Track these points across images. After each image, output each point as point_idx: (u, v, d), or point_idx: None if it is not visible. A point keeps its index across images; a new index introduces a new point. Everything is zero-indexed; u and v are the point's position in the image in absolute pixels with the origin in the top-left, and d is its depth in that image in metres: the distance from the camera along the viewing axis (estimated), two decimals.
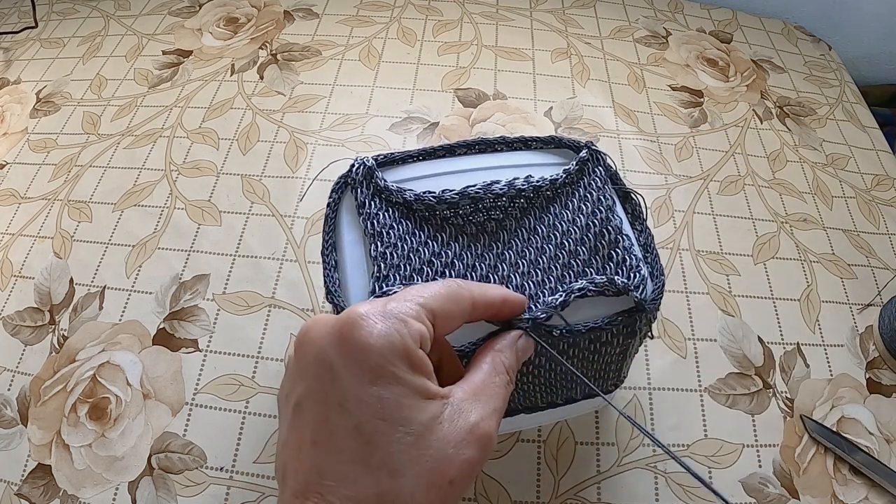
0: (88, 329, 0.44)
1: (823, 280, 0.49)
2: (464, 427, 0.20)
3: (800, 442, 0.41)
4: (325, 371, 0.20)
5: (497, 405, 0.22)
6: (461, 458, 0.20)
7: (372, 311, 0.21)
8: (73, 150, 0.56)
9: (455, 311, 0.23)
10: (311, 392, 0.20)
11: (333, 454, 0.19)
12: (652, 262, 0.30)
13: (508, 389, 0.23)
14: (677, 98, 0.62)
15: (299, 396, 0.21)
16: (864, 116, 0.64)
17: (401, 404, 0.20)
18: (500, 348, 0.24)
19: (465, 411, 0.21)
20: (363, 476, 0.19)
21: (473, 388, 0.22)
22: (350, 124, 0.57)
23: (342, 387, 0.20)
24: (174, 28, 0.68)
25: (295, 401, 0.21)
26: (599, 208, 0.30)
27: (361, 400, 0.19)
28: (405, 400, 0.20)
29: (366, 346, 0.20)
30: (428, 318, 0.21)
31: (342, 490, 0.19)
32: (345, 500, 0.19)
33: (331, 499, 0.19)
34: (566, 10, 0.72)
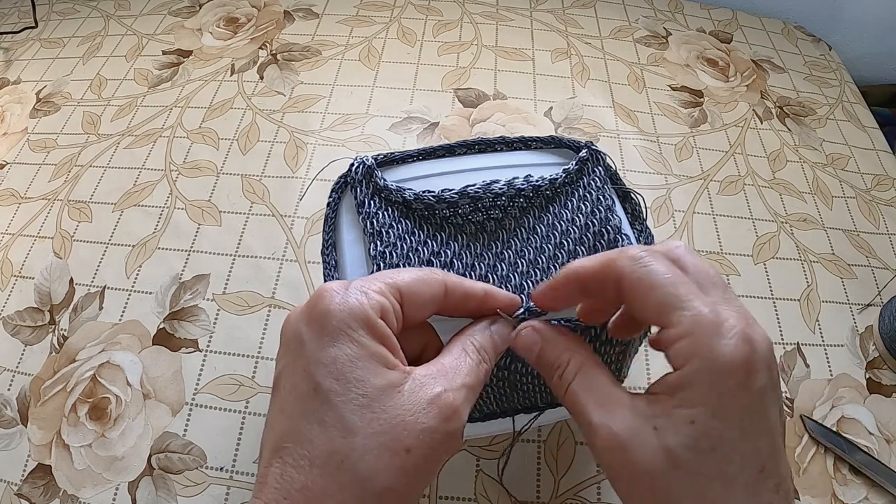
0: (88, 329, 0.44)
1: (823, 280, 0.49)
2: (425, 397, 0.20)
3: (800, 442, 0.41)
4: (295, 343, 0.21)
5: (466, 381, 0.21)
6: (419, 426, 0.19)
7: (338, 285, 0.21)
8: (73, 150, 0.56)
9: (425, 293, 0.22)
10: (286, 367, 0.21)
11: (296, 418, 0.20)
12: None
13: (482, 369, 0.22)
14: (677, 98, 0.62)
15: (278, 374, 0.21)
16: (864, 116, 0.64)
17: (355, 364, 0.20)
18: (470, 332, 0.24)
19: (427, 385, 0.20)
20: (318, 435, 0.19)
21: (439, 367, 0.21)
22: (350, 124, 0.57)
23: (306, 353, 0.20)
24: (174, 28, 0.68)
25: (274, 380, 0.22)
26: (599, 208, 0.30)
27: (319, 361, 0.20)
28: (360, 361, 0.20)
29: (327, 312, 0.20)
30: (393, 294, 0.22)
31: (298, 450, 0.19)
32: (300, 459, 0.19)
33: (289, 460, 0.19)
34: (566, 10, 0.72)
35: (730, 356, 0.18)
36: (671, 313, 0.19)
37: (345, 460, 0.19)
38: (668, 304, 0.19)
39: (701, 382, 0.18)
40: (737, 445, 0.18)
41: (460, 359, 0.22)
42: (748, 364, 0.18)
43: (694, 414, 0.18)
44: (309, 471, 0.19)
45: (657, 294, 0.20)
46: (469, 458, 0.39)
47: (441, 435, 0.20)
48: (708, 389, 0.18)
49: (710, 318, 0.19)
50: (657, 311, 0.20)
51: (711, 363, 0.18)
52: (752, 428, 0.18)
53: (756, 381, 0.18)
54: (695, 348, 0.18)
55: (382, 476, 0.19)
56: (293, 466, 0.19)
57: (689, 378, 0.19)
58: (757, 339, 0.19)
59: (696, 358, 0.18)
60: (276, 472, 0.19)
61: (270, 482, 0.19)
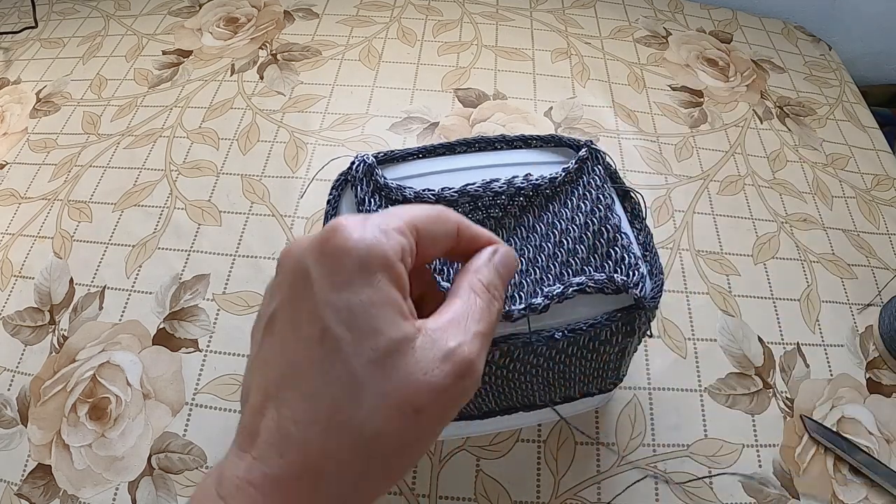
0: (88, 329, 0.44)
1: (823, 280, 0.49)
2: (438, 354, 0.18)
3: (800, 442, 0.41)
4: (300, 279, 0.19)
5: (480, 328, 0.20)
6: (433, 386, 0.18)
7: (355, 219, 0.19)
8: (73, 150, 0.56)
9: (439, 233, 0.21)
10: (284, 303, 0.19)
11: (298, 364, 0.18)
12: (651, 261, 0.30)
13: (494, 308, 0.21)
14: (677, 98, 0.62)
15: (273, 311, 0.20)
16: (864, 116, 0.64)
17: (370, 314, 0.18)
18: (474, 269, 0.22)
19: (440, 339, 0.19)
20: (321, 387, 0.18)
21: (450, 316, 0.20)
22: (350, 124, 0.57)
23: (314, 293, 0.18)
24: (174, 28, 0.68)
25: (268, 317, 0.20)
26: (598, 206, 0.30)
27: (331, 305, 0.18)
28: (376, 310, 0.18)
29: (343, 250, 0.18)
30: (411, 233, 0.20)
31: (299, 402, 0.18)
32: (300, 412, 0.17)
33: (285, 412, 0.17)
34: (566, 10, 0.72)
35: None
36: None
37: (350, 419, 0.17)
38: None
39: None
40: None
41: (470, 302, 0.21)
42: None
43: None
44: (308, 427, 0.17)
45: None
46: (469, 457, 0.39)
47: (455, 393, 0.19)
48: None
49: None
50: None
51: None
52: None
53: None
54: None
55: (389, 438, 0.18)
56: (291, 420, 0.17)
57: None
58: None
59: None
60: (269, 423, 0.18)
61: (263, 434, 0.17)
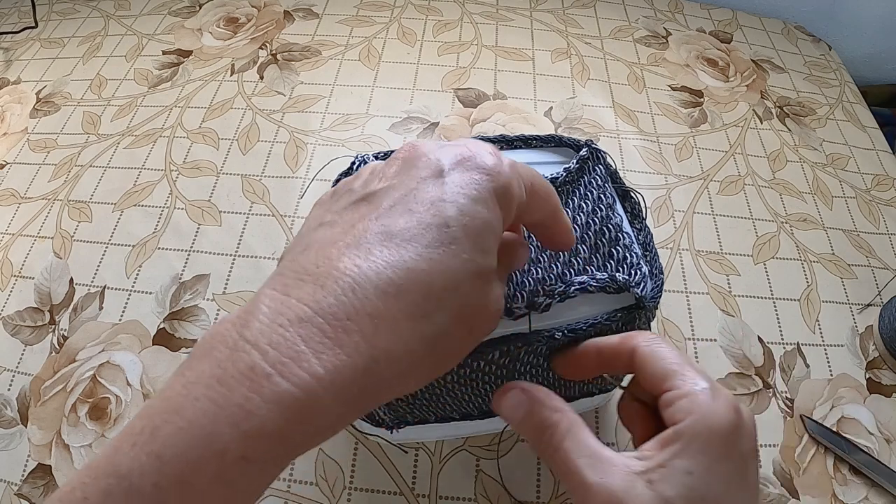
0: (88, 329, 0.44)
1: (823, 280, 0.49)
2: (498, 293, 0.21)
3: (800, 442, 0.41)
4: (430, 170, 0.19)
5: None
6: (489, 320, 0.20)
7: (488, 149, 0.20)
8: (73, 150, 0.56)
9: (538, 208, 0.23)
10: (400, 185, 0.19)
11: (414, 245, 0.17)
12: (651, 261, 0.30)
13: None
14: (677, 98, 0.62)
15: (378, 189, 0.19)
16: (864, 116, 0.64)
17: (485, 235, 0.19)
18: None
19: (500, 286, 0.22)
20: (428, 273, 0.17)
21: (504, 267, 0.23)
22: (350, 124, 0.57)
23: (445, 189, 0.19)
24: (174, 28, 0.68)
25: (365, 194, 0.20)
26: (600, 206, 0.30)
27: (460, 207, 0.18)
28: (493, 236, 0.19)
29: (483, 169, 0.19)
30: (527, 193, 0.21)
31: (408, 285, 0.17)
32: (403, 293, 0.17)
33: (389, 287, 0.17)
34: (566, 10, 0.72)
35: (723, 416, 0.20)
36: (674, 378, 0.21)
37: (431, 316, 0.17)
38: (672, 371, 0.22)
39: (697, 437, 0.20)
40: (722, 500, 0.19)
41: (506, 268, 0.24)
42: (737, 428, 0.20)
43: (692, 465, 0.19)
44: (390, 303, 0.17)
45: (664, 363, 0.22)
46: (469, 458, 0.39)
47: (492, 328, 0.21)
48: (704, 444, 0.20)
49: (706, 386, 0.21)
50: (662, 377, 0.22)
51: (707, 420, 0.20)
52: (736, 486, 0.20)
53: (743, 445, 0.20)
54: (692, 406, 0.20)
55: (450, 346, 0.19)
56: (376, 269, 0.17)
57: (687, 431, 0.20)
58: (743, 410, 0.21)
59: (694, 414, 0.20)
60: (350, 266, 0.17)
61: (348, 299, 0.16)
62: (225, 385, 0.15)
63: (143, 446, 0.15)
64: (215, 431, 0.15)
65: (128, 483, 0.14)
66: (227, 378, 0.15)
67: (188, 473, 0.15)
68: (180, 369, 0.17)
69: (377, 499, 0.37)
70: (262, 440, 0.15)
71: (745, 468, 0.20)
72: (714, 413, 0.20)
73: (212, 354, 0.16)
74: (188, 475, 0.15)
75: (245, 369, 0.15)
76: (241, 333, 0.16)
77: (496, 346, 0.26)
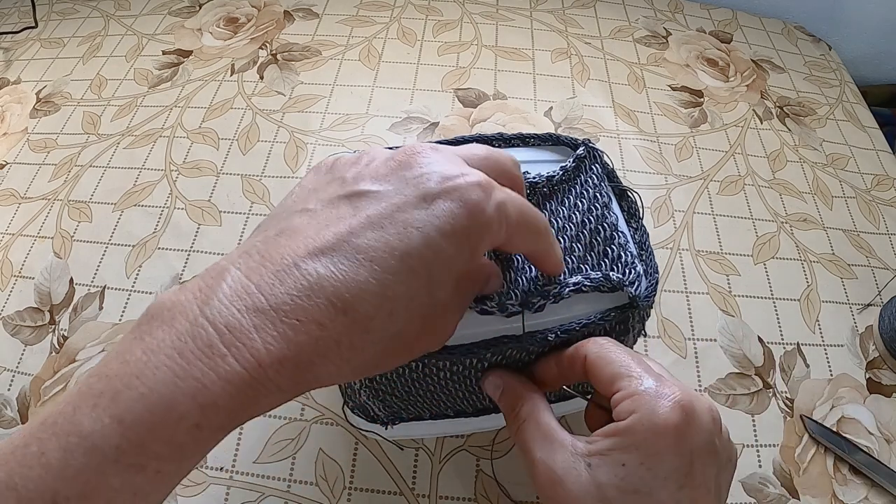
0: (88, 329, 0.44)
1: (823, 280, 0.49)
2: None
3: (800, 442, 0.41)
4: (416, 193, 0.20)
5: None
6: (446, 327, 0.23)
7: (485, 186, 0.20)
8: (73, 150, 0.56)
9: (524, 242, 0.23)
10: (386, 195, 0.20)
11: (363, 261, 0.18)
12: (646, 260, 0.30)
13: None
14: (677, 98, 0.62)
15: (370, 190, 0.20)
16: (864, 116, 0.64)
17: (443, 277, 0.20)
18: None
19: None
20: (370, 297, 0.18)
21: None
22: (350, 124, 0.57)
23: (420, 217, 0.19)
24: (174, 28, 0.68)
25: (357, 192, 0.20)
26: (596, 205, 0.30)
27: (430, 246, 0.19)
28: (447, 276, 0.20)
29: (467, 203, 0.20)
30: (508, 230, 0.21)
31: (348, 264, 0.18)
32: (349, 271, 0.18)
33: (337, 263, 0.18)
34: (566, 10, 0.72)
35: (664, 417, 0.21)
36: (620, 381, 0.22)
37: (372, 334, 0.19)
38: (619, 374, 0.22)
39: (637, 434, 0.21)
40: (657, 494, 0.20)
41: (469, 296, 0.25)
42: (680, 428, 0.21)
43: (626, 458, 0.21)
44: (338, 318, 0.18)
45: (612, 367, 0.23)
46: (469, 458, 0.39)
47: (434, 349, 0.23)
48: (641, 440, 0.21)
49: (652, 387, 0.22)
50: (610, 380, 0.23)
51: (647, 420, 0.21)
52: (674, 483, 0.21)
53: (686, 446, 0.21)
54: (635, 407, 0.21)
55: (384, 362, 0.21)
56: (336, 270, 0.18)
57: (628, 428, 0.21)
58: (697, 408, 0.21)
59: (636, 413, 0.21)
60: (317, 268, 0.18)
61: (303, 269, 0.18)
62: (185, 358, 0.17)
63: (104, 409, 0.16)
64: (174, 400, 0.16)
65: (90, 443, 0.16)
66: (186, 352, 0.17)
67: (146, 436, 0.16)
68: (137, 332, 0.18)
69: (377, 499, 0.37)
70: (215, 412, 0.17)
71: (689, 466, 0.21)
72: (654, 413, 0.21)
73: (172, 324, 0.17)
74: (146, 438, 0.16)
75: (203, 346, 0.17)
76: (202, 310, 0.17)
77: (489, 346, 0.26)
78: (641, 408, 0.21)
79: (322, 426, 0.40)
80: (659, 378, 0.22)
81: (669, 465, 0.20)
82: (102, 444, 0.16)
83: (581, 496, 0.21)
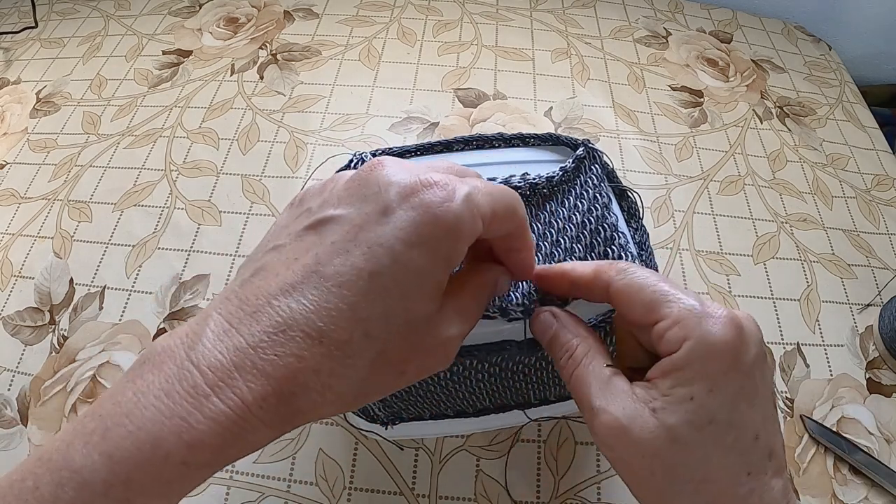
0: (88, 329, 0.44)
1: (823, 280, 0.49)
2: (440, 339, 0.21)
3: (800, 442, 0.41)
4: (377, 207, 0.19)
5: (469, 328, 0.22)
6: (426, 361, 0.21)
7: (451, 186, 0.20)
8: (73, 150, 0.56)
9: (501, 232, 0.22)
10: (348, 218, 0.19)
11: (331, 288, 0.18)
12: (647, 260, 0.30)
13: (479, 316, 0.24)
14: (677, 98, 0.62)
15: (332, 216, 0.20)
16: (864, 116, 0.64)
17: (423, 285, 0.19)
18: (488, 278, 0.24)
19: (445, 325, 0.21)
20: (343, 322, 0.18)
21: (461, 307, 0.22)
22: (350, 124, 0.57)
23: (383, 233, 0.19)
24: (174, 28, 0.68)
25: (321, 218, 0.20)
26: (595, 206, 0.30)
27: (398, 260, 0.19)
28: (428, 284, 0.19)
29: (429, 205, 0.19)
30: (485, 223, 0.20)
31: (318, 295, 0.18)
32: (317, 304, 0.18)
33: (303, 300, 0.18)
34: (566, 10, 0.72)
35: (720, 336, 0.20)
36: (660, 308, 0.21)
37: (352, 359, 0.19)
38: (656, 301, 0.21)
39: (695, 362, 0.20)
40: (731, 417, 0.20)
41: (478, 304, 0.23)
42: (737, 344, 0.20)
43: (692, 391, 0.20)
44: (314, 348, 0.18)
45: (645, 294, 0.21)
46: (469, 457, 0.39)
47: (438, 368, 0.22)
48: (702, 367, 0.20)
49: (697, 306, 0.20)
50: (646, 308, 0.21)
51: (703, 343, 0.20)
52: (745, 401, 0.20)
53: (745, 359, 0.20)
54: (686, 332, 0.20)
55: (371, 388, 0.20)
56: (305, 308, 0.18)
57: (684, 359, 0.20)
58: (743, 321, 0.20)
59: (689, 340, 0.20)
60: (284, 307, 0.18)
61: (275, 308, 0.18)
62: (171, 399, 0.17)
63: (95, 446, 0.17)
64: (161, 438, 0.17)
65: (81, 478, 0.16)
66: (173, 393, 0.17)
67: (134, 472, 0.17)
68: (130, 376, 0.18)
69: (377, 499, 0.37)
70: (201, 449, 0.17)
71: (752, 380, 0.20)
72: (709, 335, 0.20)
73: (161, 368, 0.18)
74: (134, 473, 0.17)
75: (189, 387, 0.17)
76: (188, 354, 0.18)
77: (492, 350, 0.26)
78: (693, 333, 0.20)
79: (322, 426, 0.40)
80: (696, 296, 0.21)
81: (737, 384, 0.20)
82: (91, 479, 0.17)
83: (650, 442, 0.20)
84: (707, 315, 0.20)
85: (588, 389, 0.22)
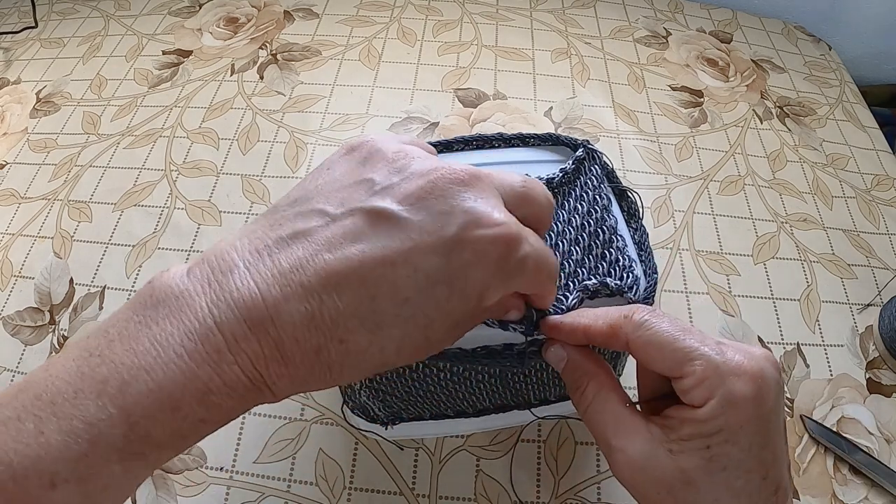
0: (88, 329, 0.44)
1: (823, 280, 0.49)
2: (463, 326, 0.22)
3: (800, 442, 0.41)
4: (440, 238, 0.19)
5: None
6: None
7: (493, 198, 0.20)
8: (73, 150, 0.56)
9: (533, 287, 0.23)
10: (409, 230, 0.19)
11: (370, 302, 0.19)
12: (646, 260, 0.30)
13: None
14: (677, 98, 0.62)
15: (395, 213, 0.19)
16: (864, 116, 0.64)
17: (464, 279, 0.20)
18: None
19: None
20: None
21: None
22: (350, 124, 0.57)
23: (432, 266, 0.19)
24: (174, 28, 0.68)
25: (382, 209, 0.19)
26: (595, 208, 0.30)
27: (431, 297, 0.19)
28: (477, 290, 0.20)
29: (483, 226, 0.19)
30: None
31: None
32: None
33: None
34: (566, 10, 0.72)
35: (742, 394, 0.20)
36: (683, 366, 0.21)
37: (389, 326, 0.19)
38: (679, 360, 0.21)
39: (718, 418, 0.20)
40: (745, 464, 0.20)
41: None
42: (758, 396, 0.21)
43: (710, 442, 0.20)
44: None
45: (666, 352, 0.22)
46: (469, 457, 0.39)
47: None
48: (724, 422, 0.20)
49: (718, 360, 0.21)
50: (669, 366, 0.22)
51: (727, 402, 0.20)
52: (758, 444, 0.21)
53: (764, 410, 0.21)
54: (711, 392, 0.21)
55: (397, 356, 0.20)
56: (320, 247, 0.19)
57: (706, 415, 0.21)
58: (765, 371, 0.21)
59: (713, 399, 0.20)
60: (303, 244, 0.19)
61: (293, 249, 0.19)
62: (193, 360, 0.17)
63: (111, 398, 0.16)
64: (182, 399, 0.17)
65: (96, 431, 0.16)
66: (195, 354, 0.17)
67: (152, 429, 0.17)
68: (142, 315, 0.18)
69: (377, 499, 0.37)
70: (218, 411, 0.18)
71: (767, 423, 0.21)
72: (732, 394, 0.20)
73: (180, 318, 0.18)
74: (152, 430, 0.17)
75: (212, 350, 0.17)
76: (211, 310, 0.18)
77: (492, 355, 0.26)
78: (716, 391, 0.20)
79: (322, 426, 0.40)
80: (716, 346, 0.21)
81: (752, 433, 0.20)
82: (109, 433, 0.16)
83: (666, 481, 0.21)
84: (730, 373, 0.21)
85: (604, 428, 0.23)
